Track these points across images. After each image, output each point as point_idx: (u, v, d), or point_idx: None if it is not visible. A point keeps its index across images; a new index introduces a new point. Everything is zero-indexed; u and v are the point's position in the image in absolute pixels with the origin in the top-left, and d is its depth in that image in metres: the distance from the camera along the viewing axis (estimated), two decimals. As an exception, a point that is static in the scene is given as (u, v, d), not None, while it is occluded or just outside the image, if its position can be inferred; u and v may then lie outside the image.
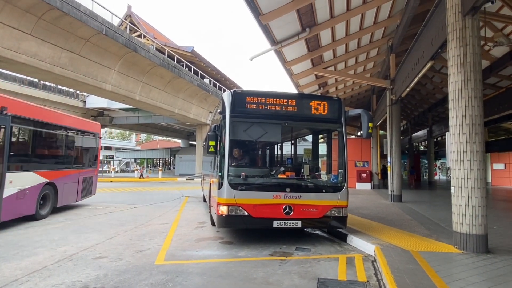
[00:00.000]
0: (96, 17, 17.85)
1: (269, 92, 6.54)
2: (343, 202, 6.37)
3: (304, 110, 6.56)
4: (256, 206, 6.04)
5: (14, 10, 14.50)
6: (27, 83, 29.30)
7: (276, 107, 6.41)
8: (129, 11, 33.60)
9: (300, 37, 10.49)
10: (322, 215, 6.25)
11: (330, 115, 6.64)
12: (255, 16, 8.84)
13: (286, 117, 6.49)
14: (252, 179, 6.35)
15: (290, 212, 6.09)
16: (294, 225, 6.13)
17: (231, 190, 6.00)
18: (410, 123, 30.71)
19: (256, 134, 6.49)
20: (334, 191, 6.40)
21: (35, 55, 16.13)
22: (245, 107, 6.34)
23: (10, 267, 4.83)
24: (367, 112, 6.42)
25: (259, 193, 6.10)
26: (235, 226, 6.48)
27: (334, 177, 6.64)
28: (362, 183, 20.16)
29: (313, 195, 6.32)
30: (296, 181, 6.47)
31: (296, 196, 6.15)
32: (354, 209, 10.64)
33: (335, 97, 7.00)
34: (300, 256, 5.71)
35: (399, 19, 11.32)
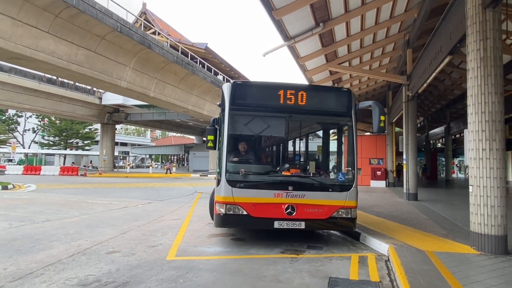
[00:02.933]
0: (112, 15, 18.07)
1: (272, 83, 6.23)
2: (352, 203, 5.88)
3: (311, 103, 6.06)
4: (255, 205, 5.68)
5: (32, 8, 14.81)
6: (45, 80, 29.98)
7: (280, 99, 5.95)
8: (144, 9, 33.93)
9: (313, 33, 10.34)
10: (328, 216, 5.79)
11: (338, 107, 6.17)
12: (268, 11, 8.75)
13: (291, 110, 6.04)
14: (252, 176, 5.96)
15: (292, 212, 5.70)
16: (297, 226, 5.73)
17: (229, 187, 5.66)
18: (427, 119, 30.03)
19: (257, 128, 6.13)
20: (342, 190, 5.90)
21: (53, 52, 16.45)
22: (246, 99, 6.01)
23: (26, 260, 4.95)
24: (379, 104, 5.87)
25: (259, 191, 5.74)
26: (233, 225, 6.20)
27: (342, 175, 6.17)
28: (377, 180, 19.86)
29: (319, 194, 5.86)
30: (299, 179, 6.09)
31: (299, 195, 5.74)
32: (367, 207, 10.49)
33: (344, 88, 6.50)
34: (312, 254, 5.65)
35: (416, 13, 11.03)
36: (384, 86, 21.04)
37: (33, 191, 15.86)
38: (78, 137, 50.15)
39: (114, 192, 16.21)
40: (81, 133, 49.72)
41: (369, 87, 21.46)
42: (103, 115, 38.33)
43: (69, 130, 48.19)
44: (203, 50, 30.70)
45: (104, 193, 15.53)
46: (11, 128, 48.32)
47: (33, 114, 45.65)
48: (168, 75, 25.42)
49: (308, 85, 6.39)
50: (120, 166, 49.02)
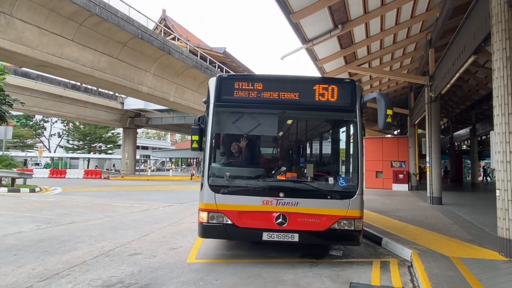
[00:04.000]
0: (133, 22, 18.56)
1: (263, 76, 5.66)
2: (355, 212, 5.00)
3: (307, 97, 5.28)
4: (241, 213, 5.02)
5: (57, 18, 15.41)
6: (70, 86, 31.06)
7: (272, 93, 5.27)
8: (164, 15, 34.64)
9: (332, 35, 10.26)
10: (327, 227, 4.97)
11: (340, 101, 5.25)
12: (286, 15, 8.76)
13: (285, 105, 5.29)
14: (238, 181, 5.29)
15: (284, 222, 4.97)
16: (289, 239, 4.98)
17: (212, 193, 5.05)
18: (451, 121, 29.16)
19: (246, 126, 5.42)
20: (343, 197, 5.03)
21: (77, 59, 17.04)
22: (234, 94, 5.29)
23: (52, 260, 5.12)
24: (385, 96, 4.99)
25: (245, 197, 5.05)
26: (217, 236, 5.46)
27: (343, 180, 5.25)
28: (399, 184, 19.41)
29: (315, 202, 5.04)
30: (292, 184, 5.22)
31: (291, 203, 4.99)
32: (389, 212, 10.28)
33: (347, 79, 5.53)
34: (332, 259, 5.58)
35: (438, 12, 10.76)
36: (406, 87, 20.60)
37: (59, 193, 16.40)
38: (101, 141, 51.62)
39: (135, 194, 16.56)
40: (104, 137, 51.15)
41: (390, 89, 21.07)
42: (125, 120, 39.30)
43: (92, 135, 49.70)
44: (222, 54, 31.01)
45: (126, 195, 15.89)
46: (38, 133, 50.29)
47: (59, 119, 47.33)
48: (188, 80, 25.82)
49: (305, 77, 5.65)
50: (141, 169, 50.02)
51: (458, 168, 28.94)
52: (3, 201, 11.68)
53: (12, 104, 18.95)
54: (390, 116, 4.83)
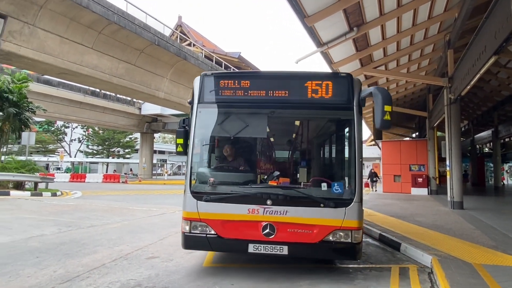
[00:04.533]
0: (149, 29, 18.95)
1: (250, 73, 5.20)
2: (352, 223, 4.45)
3: (299, 94, 4.84)
4: (225, 223, 4.61)
5: (78, 27, 15.88)
6: (90, 92, 31.89)
7: (260, 91, 4.85)
8: (180, 21, 35.20)
9: (347, 37, 10.20)
10: (320, 239, 4.45)
11: (335, 98, 4.77)
12: (300, 19, 8.76)
13: (274, 104, 4.86)
14: (222, 187, 4.82)
15: (271, 233, 4.50)
16: (278, 251, 4.49)
17: (194, 200, 4.67)
18: (472, 123, 28.35)
19: (233, 128, 5.03)
20: (338, 205, 4.48)
21: (96, 67, 17.50)
22: (219, 93, 4.94)
23: (73, 263, 5.24)
24: (383, 90, 4.51)
25: (229, 205, 4.61)
26: (200, 248, 4.97)
27: (339, 186, 4.61)
28: (418, 188, 19.00)
29: (306, 210, 4.53)
30: (280, 190, 4.71)
31: (280, 212, 4.52)
32: (408, 216, 10.06)
33: (342, 73, 4.98)
34: (348, 264, 5.49)
35: (457, 12, 10.54)
36: (424, 89, 20.21)
37: (79, 197, 16.80)
38: (119, 146, 52.71)
39: (153, 198, 16.80)
40: (122, 142, 52.21)
41: (408, 91, 20.72)
42: (142, 125, 40.03)
43: (111, 140, 50.84)
44: (237, 59, 31.24)
45: (143, 199, 16.14)
46: (59, 138, 51.79)
47: (79, 125, 48.64)
48: (203, 85, 26.09)
49: (296, 72, 5.14)
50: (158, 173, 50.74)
51: (480, 172, 28.11)
52: (27, 205, 12.05)
53: (35, 111, 19.61)
54: (388, 113, 4.33)
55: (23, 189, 16.10)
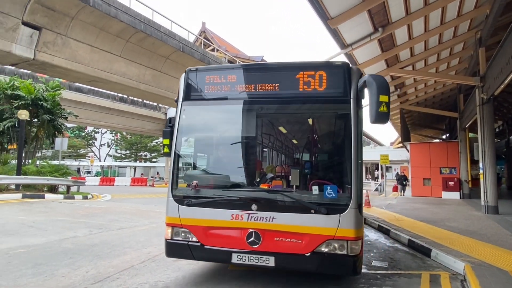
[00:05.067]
0: (175, 36, 19.41)
1: (237, 66, 4.81)
2: (348, 232, 3.88)
3: (290, 87, 4.39)
4: (207, 230, 4.25)
5: (107, 36, 16.51)
6: (118, 99, 33.01)
7: (248, 86, 4.46)
8: (203, 27, 35.81)
9: (372, 38, 10.04)
10: (311, 250, 3.93)
11: (330, 90, 4.26)
12: (323, 21, 8.71)
13: (263, 99, 4.44)
14: (205, 190, 4.48)
15: (256, 242, 4.05)
16: (264, 263, 4.00)
17: (175, 205, 4.36)
18: (507, 123, 27.02)
19: (219, 126, 4.75)
20: (331, 212, 3.92)
21: (124, 74, 18.10)
22: (204, 89, 4.60)
23: (104, 264, 5.42)
24: (378, 78, 3.96)
25: (211, 210, 4.23)
26: (182, 256, 4.62)
27: (332, 189, 4.04)
28: (449, 192, 18.31)
29: (295, 217, 4.02)
30: (266, 195, 4.26)
31: (266, 218, 4.05)
32: (439, 221, 9.71)
33: (337, 62, 4.43)
34: (376, 270, 5.37)
35: (488, 8, 10.13)
36: (454, 89, 19.50)
37: (108, 200, 17.35)
38: (146, 150, 54.14)
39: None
40: (149, 146, 53.60)
41: (437, 91, 20.06)
42: (168, 129, 40.85)
43: (138, 144, 52.32)
44: (259, 63, 31.38)
45: (169, 203, 16.40)
46: (89, 143, 53.88)
47: (108, 130, 50.43)
48: (227, 89, 26.38)
49: (286, 63, 4.75)
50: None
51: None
52: (60, 207, 12.58)
53: (68, 117, 20.50)
54: (384, 105, 3.77)
55: (56, 192, 16.82)
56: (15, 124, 17.33)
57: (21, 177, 15.03)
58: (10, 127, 17.46)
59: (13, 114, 17.16)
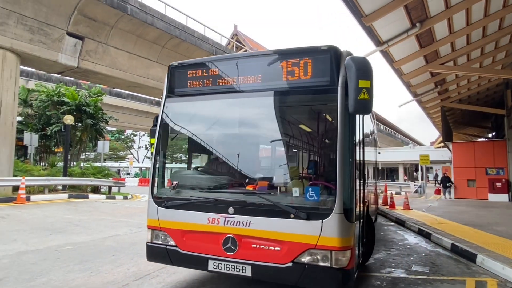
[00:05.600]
0: (208, 40, 19.83)
1: (218, 58, 4.46)
2: (332, 241, 3.33)
3: (274, 77, 3.96)
4: (184, 233, 3.97)
5: (144, 43, 17.19)
6: (155, 103, 34.16)
7: (230, 79, 4.12)
8: (235, 30, 36.24)
9: (409, 34, 9.67)
10: (289, 260, 3.46)
11: (315, 79, 3.72)
12: (357, 19, 8.53)
13: (244, 92, 4.06)
14: (184, 192, 4.22)
15: (233, 248, 3.68)
16: (240, 272, 3.63)
17: (155, 206, 4.16)
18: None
19: (201, 123, 4.48)
20: (312, 217, 3.40)
21: (161, 79, 18.72)
22: (187, 85, 4.32)
23: (144, 262, 5.58)
24: (359, 61, 3.38)
25: (188, 213, 3.95)
26: (160, 260, 4.26)
27: (314, 192, 3.51)
28: (497, 194, 17.18)
29: (273, 222, 3.55)
30: (242, 196, 3.85)
31: (243, 223, 3.66)
32: (485, 225, 9.15)
33: (324, 47, 3.72)
34: (416, 275, 5.15)
35: (538, -3, 9.42)
36: (500, 84, 18.30)
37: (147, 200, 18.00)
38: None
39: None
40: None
41: (481, 87, 18.92)
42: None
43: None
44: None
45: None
46: (128, 145, 56.26)
47: (146, 133, 52.40)
48: (259, 91, 26.55)
49: (270, 51, 4.21)
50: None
51: None
52: (103, 207, 13.23)
53: (108, 121, 21.56)
54: (365, 91, 3.23)
55: (99, 192, 17.71)
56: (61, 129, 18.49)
57: (67, 178, 15.99)
58: (57, 131, 18.65)
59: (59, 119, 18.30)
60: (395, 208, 13.12)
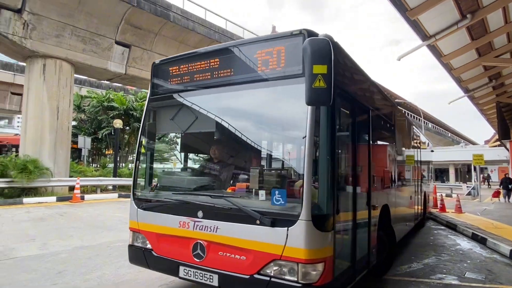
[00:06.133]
0: (247, 42, 20.08)
1: (194, 52, 4.10)
2: (299, 252, 2.90)
3: (247, 70, 3.54)
4: (159, 237, 3.77)
5: (186, 48, 17.76)
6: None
7: (206, 74, 3.79)
8: (274, 31, 36.31)
9: (459, 26, 9.07)
10: (254, 271, 3.10)
11: (287, 68, 3.27)
12: (401, 13, 8.17)
13: (217, 88, 3.72)
14: (161, 193, 4.13)
15: (201, 255, 3.41)
16: (208, 280, 3.34)
17: (135, 207, 4.02)
18: None
19: (182, 122, 4.22)
20: (277, 224, 3.00)
21: (202, 82, 19.29)
22: (167, 83, 4.13)
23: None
24: (314, 42, 2.83)
25: (162, 216, 3.76)
26: (139, 263, 4.04)
27: (280, 195, 3.05)
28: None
29: (239, 228, 3.21)
30: (210, 200, 3.51)
31: (210, 228, 3.38)
32: (550, 230, 8.36)
33: (296, 31, 3.25)
34: (471, 282, 4.82)
35: None
36: None
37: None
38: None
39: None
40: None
41: (543, 80, 17.31)
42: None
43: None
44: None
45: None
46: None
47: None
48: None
49: (240, 42, 3.84)
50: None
51: None
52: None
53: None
54: (321, 78, 2.74)
55: (146, 192, 18.62)
56: (111, 132, 19.65)
57: (116, 178, 16.95)
58: (107, 134, 19.84)
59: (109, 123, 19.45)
60: (446, 211, 12.41)
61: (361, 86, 4.43)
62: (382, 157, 5.48)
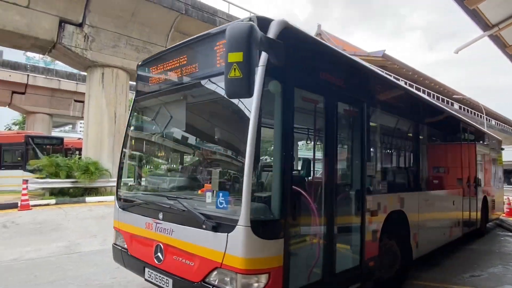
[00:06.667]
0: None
1: (169, 49, 3.97)
2: (237, 261, 2.64)
3: (208, 65, 3.33)
4: (132, 237, 3.78)
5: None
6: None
7: (176, 72, 3.66)
8: (319, 30, 35.78)
9: (527, 13, 8.24)
10: (200, 278, 2.91)
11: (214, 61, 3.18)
12: (459, 2, 7.60)
13: (185, 84, 3.58)
14: (137, 194, 4.17)
15: (161, 258, 3.33)
16: (165, 285, 3.23)
17: (117, 207, 4.09)
18: None
19: (161, 121, 4.24)
20: (219, 229, 2.78)
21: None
22: (150, 83, 4.07)
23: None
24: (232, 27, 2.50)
25: (133, 216, 3.78)
26: (120, 262, 4.04)
27: (224, 197, 2.88)
28: None
29: (189, 232, 3.06)
30: (167, 201, 3.40)
31: (167, 230, 3.29)
32: None
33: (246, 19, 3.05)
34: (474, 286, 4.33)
35: None
36: None
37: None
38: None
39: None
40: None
41: None
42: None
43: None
44: (380, 57, 29.53)
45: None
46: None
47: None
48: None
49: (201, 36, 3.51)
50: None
51: None
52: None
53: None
54: (236, 67, 2.42)
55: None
56: (162, 135, 20.61)
57: (168, 179, 17.74)
58: (159, 137, 20.86)
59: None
60: (514, 216, 11.30)
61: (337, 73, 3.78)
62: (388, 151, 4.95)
